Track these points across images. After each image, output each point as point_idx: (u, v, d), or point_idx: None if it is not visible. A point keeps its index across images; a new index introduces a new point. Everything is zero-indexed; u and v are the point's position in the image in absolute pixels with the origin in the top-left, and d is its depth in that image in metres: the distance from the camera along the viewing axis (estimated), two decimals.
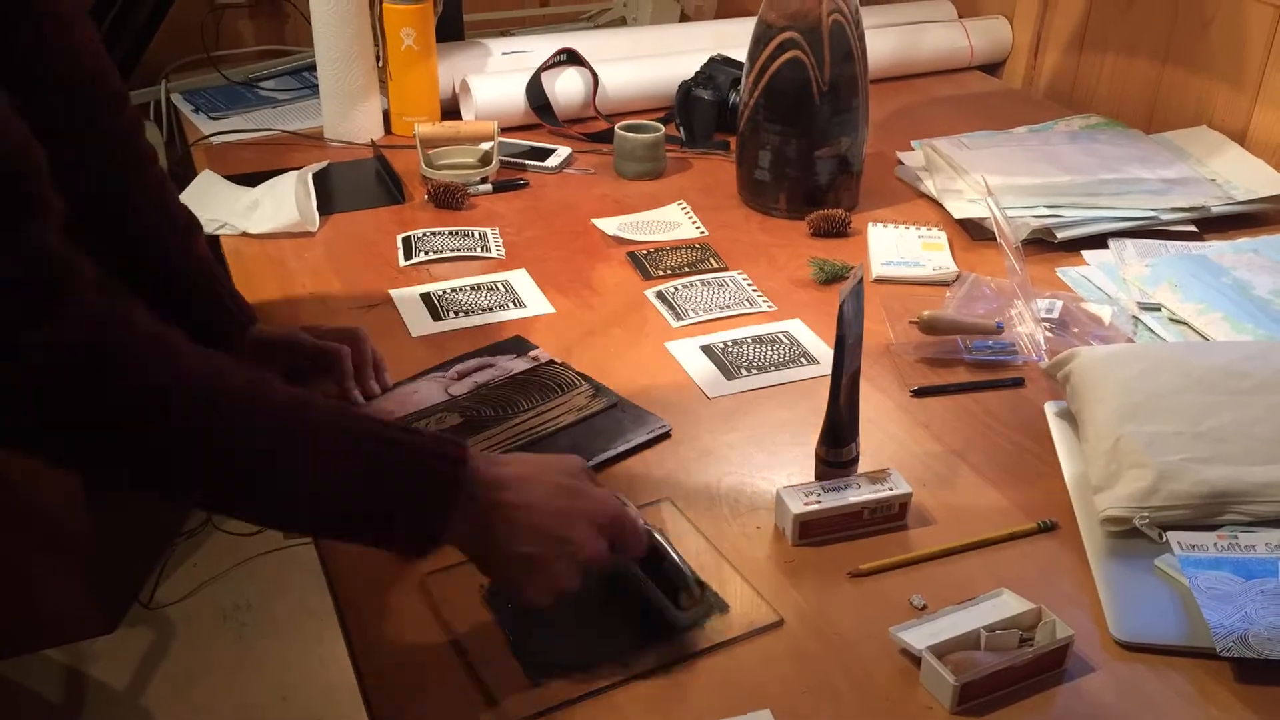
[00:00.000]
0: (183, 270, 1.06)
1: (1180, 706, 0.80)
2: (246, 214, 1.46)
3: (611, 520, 0.80)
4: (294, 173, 1.53)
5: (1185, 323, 1.25)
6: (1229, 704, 0.80)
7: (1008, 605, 0.85)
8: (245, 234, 1.44)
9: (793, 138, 1.46)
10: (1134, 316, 1.27)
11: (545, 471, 0.80)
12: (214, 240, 1.44)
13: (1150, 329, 1.25)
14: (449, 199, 1.52)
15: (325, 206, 1.51)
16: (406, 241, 1.42)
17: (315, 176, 1.54)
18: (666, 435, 1.06)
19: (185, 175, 1.62)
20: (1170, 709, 0.79)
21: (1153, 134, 1.69)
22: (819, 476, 0.99)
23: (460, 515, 0.75)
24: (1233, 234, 1.45)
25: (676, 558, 0.83)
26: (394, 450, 0.73)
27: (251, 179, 1.54)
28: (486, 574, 0.81)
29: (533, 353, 1.18)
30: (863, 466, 1.00)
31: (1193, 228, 1.46)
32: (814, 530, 0.94)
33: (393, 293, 1.31)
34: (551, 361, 1.16)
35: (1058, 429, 1.08)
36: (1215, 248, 1.39)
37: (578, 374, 1.14)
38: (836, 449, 0.98)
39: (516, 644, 0.83)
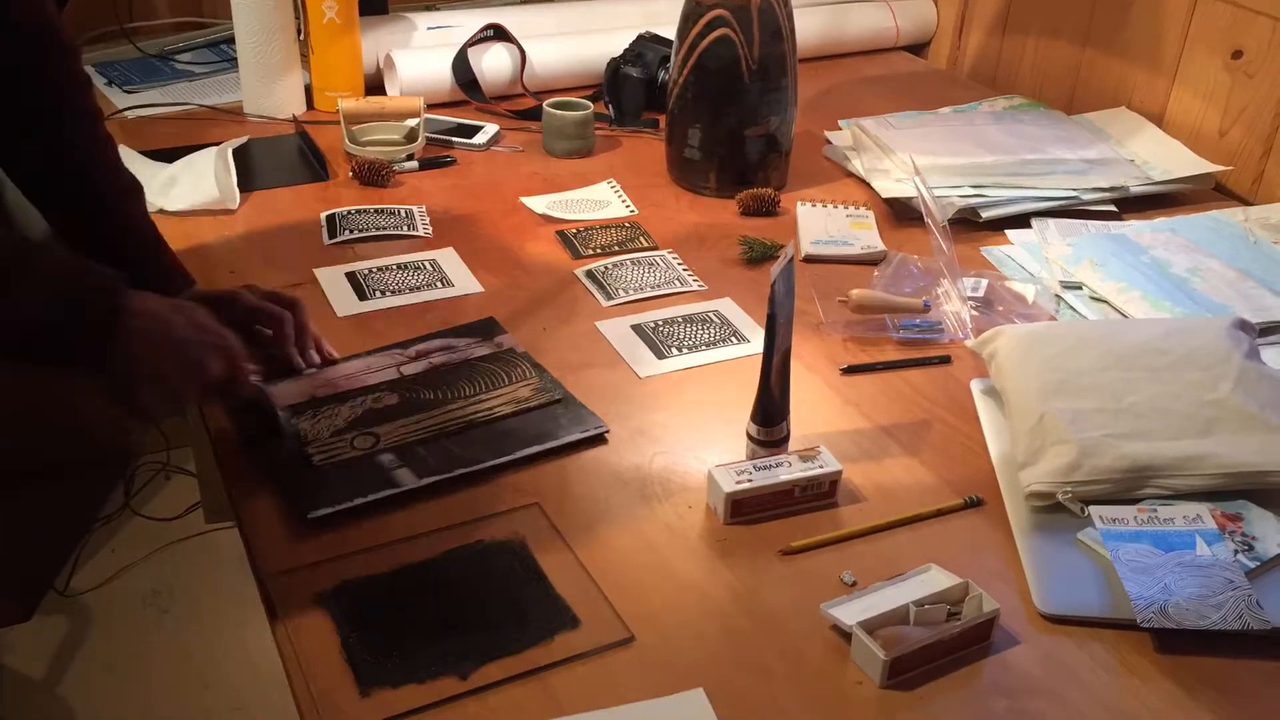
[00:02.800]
0: (125, 230, 1.06)
1: (1103, 677, 0.81)
2: (164, 191, 1.42)
3: (230, 356, 0.95)
4: (213, 148, 1.49)
5: (1106, 301, 1.27)
6: (1149, 674, 0.82)
7: (936, 580, 0.87)
8: (162, 211, 1.40)
9: (722, 116, 1.46)
10: (1057, 295, 1.29)
11: (179, 309, 0.93)
12: None
13: (1072, 307, 1.28)
14: (374, 176, 1.49)
15: (246, 183, 1.47)
16: (331, 220, 1.39)
17: (235, 152, 1.51)
18: (602, 438, 1.04)
19: None
20: (1093, 679, 0.81)
21: (1074, 115, 1.72)
22: (750, 455, 1.00)
23: (117, 338, 0.87)
24: (1151, 214, 1.48)
25: (278, 412, 1.01)
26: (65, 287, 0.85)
27: (168, 155, 1.50)
28: (113, 391, 0.90)
29: (499, 338, 1.17)
30: (793, 445, 1.00)
31: (1113, 208, 1.49)
32: (746, 508, 0.94)
33: (317, 272, 1.28)
34: (512, 350, 1.15)
35: (983, 406, 1.09)
36: (1134, 227, 1.42)
37: (533, 365, 1.12)
38: (767, 428, 0.98)
39: (351, 651, 0.81)
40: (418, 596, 0.87)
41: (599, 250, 1.36)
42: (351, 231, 1.37)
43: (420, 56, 1.73)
